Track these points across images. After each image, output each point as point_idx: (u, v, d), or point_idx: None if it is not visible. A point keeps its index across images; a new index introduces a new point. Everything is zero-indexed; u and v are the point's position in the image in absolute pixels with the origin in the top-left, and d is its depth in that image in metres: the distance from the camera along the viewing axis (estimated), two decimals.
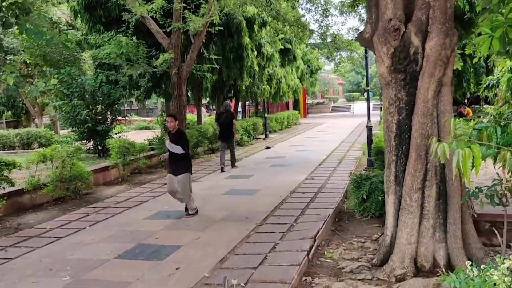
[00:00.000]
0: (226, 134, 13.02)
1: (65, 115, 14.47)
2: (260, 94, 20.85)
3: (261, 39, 18.85)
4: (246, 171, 12.69)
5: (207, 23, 13.10)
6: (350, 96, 75.09)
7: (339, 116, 45.41)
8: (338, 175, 11.24)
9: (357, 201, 7.53)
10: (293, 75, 28.52)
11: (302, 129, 29.21)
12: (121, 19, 13.97)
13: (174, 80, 13.60)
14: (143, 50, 13.65)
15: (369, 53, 13.82)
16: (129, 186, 11.39)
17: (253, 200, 8.94)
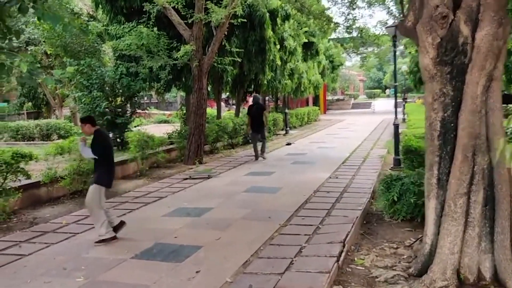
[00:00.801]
0: (257, 125, 13.74)
1: (85, 106, 14.30)
2: (282, 89, 20.42)
3: (284, 32, 18.41)
4: (267, 167, 12.33)
5: (230, 14, 12.73)
6: (371, 93, 74.13)
7: (360, 113, 44.65)
8: (363, 174, 10.80)
9: (386, 203, 7.09)
10: (314, 71, 28.02)
11: (322, 125, 28.70)
12: (142, 10, 13.69)
13: (194, 73, 13.28)
14: (164, 41, 13.36)
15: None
16: (148, 180, 11.12)
17: (276, 199, 8.56)
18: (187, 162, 13.34)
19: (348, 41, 15.42)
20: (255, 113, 13.76)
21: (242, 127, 17.65)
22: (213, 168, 12.30)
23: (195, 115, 13.44)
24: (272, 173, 11.31)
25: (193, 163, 13.22)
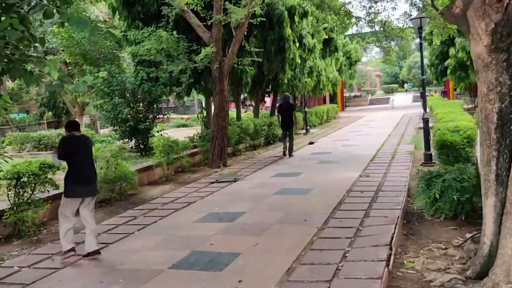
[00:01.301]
0: (286, 123, 14.18)
1: (106, 114, 14.22)
2: (302, 87, 20.14)
3: (302, 30, 18.13)
4: (294, 168, 12.08)
5: (249, 14, 12.51)
6: (389, 88, 73.21)
7: (379, 109, 44.09)
8: (395, 172, 10.47)
9: (428, 201, 6.79)
10: (332, 68, 27.64)
11: (342, 123, 28.32)
12: (159, 14, 13.58)
13: (215, 75, 13.09)
14: (183, 45, 13.23)
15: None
16: (174, 185, 10.97)
17: (308, 200, 8.31)
18: (211, 166, 13.16)
19: (370, 35, 15.04)
20: (285, 111, 14.23)
21: (263, 127, 17.45)
22: (238, 171, 12.09)
23: (218, 117, 13.26)
24: (300, 174, 11.05)
25: (218, 166, 13.03)
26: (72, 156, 5.82)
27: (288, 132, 14.24)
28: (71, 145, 5.89)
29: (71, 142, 5.93)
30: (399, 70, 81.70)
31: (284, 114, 14.26)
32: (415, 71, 66.27)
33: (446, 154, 8.79)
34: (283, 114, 14.31)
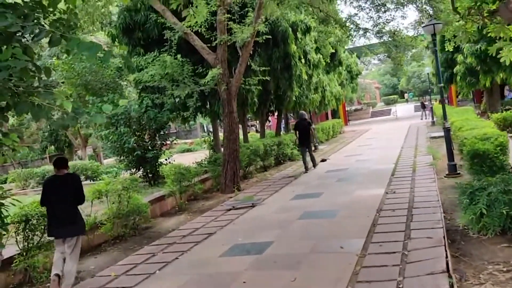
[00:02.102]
0: (304, 140, 14.65)
1: (112, 144, 13.73)
2: (309, 104, 19.70)
3: (306, 46, 17.78)
4: (312, 188, 11.52)
5: (255, 32, 12.14)
6: (389, 99, 73.00)
7: (382, 121, 43.69)
8: (421, 186, 9.91)
9: (473, 217, 6.23)
10: (334, 82, 27.30)
11: (349, 137, 27.82)
12: (161, 39, 13.28)
13: (223, 97, 12.64)
14: (188, 68, 12.84)
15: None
16: (189, 215, 10.41)
17: (338, 224, 7.73)
18: (224, 191, 12.62)
19: (378, 46, 14.68)
20: (303, 128, 14.71)
21: (273, 147, 16.96)
22: (254, 195, 11.54)
23: (228, 140, 12.77)
24: (320, 195, 10.49)
25: (231, 191, 12.50)
26: (49, 197, 6.01)
27: (308, 147, 14.75)
28: (47, 187, 6.10)
29: (48, 184, 6.13)
30: (397, 81, 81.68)
31: (302, 130, 14.71)
32: (414, 80, 66.20)
33: (478, 164, 8.27)
34: (301, 131, 14.74)
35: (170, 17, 12.33)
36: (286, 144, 18.08)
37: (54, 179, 6.11)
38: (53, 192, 6.00)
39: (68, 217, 5.99)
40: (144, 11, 14.34)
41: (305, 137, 14.65)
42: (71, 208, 6.08)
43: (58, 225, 5.93)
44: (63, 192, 5.99)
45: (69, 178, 6.16)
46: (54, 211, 5.97)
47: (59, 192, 5.98)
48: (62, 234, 5.96)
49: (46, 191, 6.05)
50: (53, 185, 6.06)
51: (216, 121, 17.23)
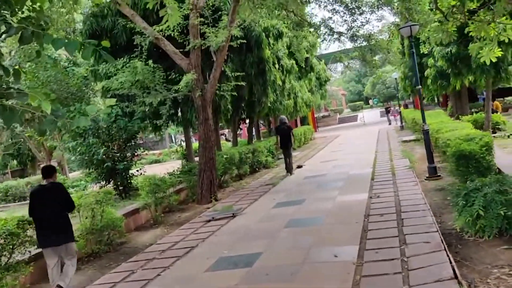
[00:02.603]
0: (285, 143, 15.03)
1: (80, 156, 13.04)
2: (283, 110, 19.45)
3: (278, 51, 17.55)
4: (293, 195, 11.20)
5: (229, 36, 11.79)
6: (355, 105, 73.96)
7: (350, 127, 44.04)
8: (405, 189, 9.74)
9: (470, 219, 6.02)
10: (305, 89, 27.20)
11: (321, 143, 27.75)
12: (131, 45, 12.77)
13: (198, 104, 12.20)
14: (160, 75, 12.34)
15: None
16: (166, 228, 9.89)
17: (327, 231, 7.41)
18: (201, 202, 12.16)
19: (354, 50, 14.59)
20: (283, 132, 15.08)
21: (248, 155, 16.60)
22: (233, 204, 11.12)
23: (204, 149, 12.32)
24: (303, 201, 10.16)
25: (208, 201, 12.06)
26: (35, 207, 6.01)
27: (288, 151, 15.17)
28: (34, 198, 6.10)
29: (35, 194, 6.14)
30: (362, 87, 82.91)
31: (282, 135, 15.08)
32: (379, 87, 67.27)
33: (464, 165, 8.13)
34: (281, 135, 15.12)
35: (139, 21, 11.85)
36: (261, 152, 17.76)
37: (40, 189, 6.16)
38: (40, 202, 5.99)
39: (58, 225, 5.99)
40: (112, 16, 13.80)
41: (285, 140, 15.01)
42: (60, 216, 6.06)
43: (49, 234, 5.90)
44: (50, 201, 5.98)
45: (54, 187, 6.13)
46: (43, 221, 5.97)
47: (46, 201, 5.97)
48: (54, 242, 5.93)
49: (33, 202, 6.05)
50: (39, 195, 6.07)
51: (189, 129, 16.75)
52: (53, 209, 5.98)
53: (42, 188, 6.12)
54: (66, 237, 6.06)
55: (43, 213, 5.94)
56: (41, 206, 5.96)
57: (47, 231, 5.91)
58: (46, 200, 5.98)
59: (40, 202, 5.99)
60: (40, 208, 5.97)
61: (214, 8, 12.93)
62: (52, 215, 5.95)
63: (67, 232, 6.10)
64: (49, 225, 5.92)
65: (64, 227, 6.07)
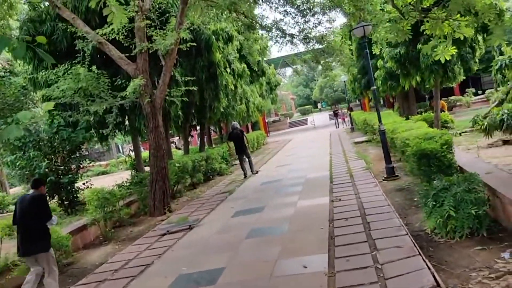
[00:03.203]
0: (240, 148, 15.44)
1: (20, 171, 12.04)
2: (236, 115, 19.00)
3: (228, 55, 17.12)
4: (252, 202, 10.76)
5: (178, 39, 11.25)
6: (305, 109, 74.75)
7: (301, 131, 44.25)
8: (366, 191, 9.54)
9: (441, 220, 5.81)
10: (256, 93, 26.92)
11: (274, 148, 27.51)
12: (72, 50, 11.97)
13: (147, 111, 11.55)
14: (105, 81, 11.57)
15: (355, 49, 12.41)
16: (117, 245, 9.20)
17: (291, 240, 7.01)
18: (153, 214, 11.51)
19: (306, 53, 14.39)
20: (237, 137, 15.39)
21: (201, 163, 16.03)
22: (189, 215, 10.55)
23: (155, 157, 11.67)
24: (263, 209, 9.75)
25: (162, 213, 11.44)
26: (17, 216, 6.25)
27: (245, 154, 15.53)
28: (16, 207, 6.34)
29: (17, 204, 6.36)
30: (310, 91, 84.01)
31: (236, 139, 15.41)
32: (327, 90, 68.34)
33: (426, 164, 7.99)
34: (235, 140, 15.49)
35: (81, 25, 11.09)
36: (215, 159, 17.23)
37: (22, 199, 6.36)
38: (20, 211, 6.20)
39: (31, 235, 6.08)
40: (51, 21, 12.90)
41: (240, 144, 15.36)
42: (35, 226, 6.11)
43: (25, 243, 6.07)
44: (27, 211, 6.13)
45: (34, 197, 6.25)
46: (19, 229, 6.19)
47: (24, 211, 6.15)
48: (31, 251, 6.09)
49: (15, 211, 6.31)
50: (20, 204, 6.27)
51: (138, 138, 15.97)
52: (29, 219, 6.11)
53: (23, 198, 6.31)
54: (37, 248, 6.11)
55: (20, 222, 6.16)
56: (19, 215, 6.18)
57: (25, 240, 6.08)
58: (24, 209, 6.15)
59: (20, 211, 6.19)
60: (19, 217, 6.19)
61: (161, 10, 12.34)
62: (27, 225, 6.09)
63: (37, 242, 6.11)
64: (23, 235, 6.09)
65: (37, 238, 6.11)
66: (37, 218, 6.13)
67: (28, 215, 6.11)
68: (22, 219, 6.12)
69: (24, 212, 6.12)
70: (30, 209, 6.13)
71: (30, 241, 6.08)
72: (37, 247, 6.10)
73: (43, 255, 6.14)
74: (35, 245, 6.09)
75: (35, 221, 6.11)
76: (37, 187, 6.38)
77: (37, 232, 6.12)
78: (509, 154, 9.51)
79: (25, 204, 6.19)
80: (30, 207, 6.15)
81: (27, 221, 6.10)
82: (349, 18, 11.28)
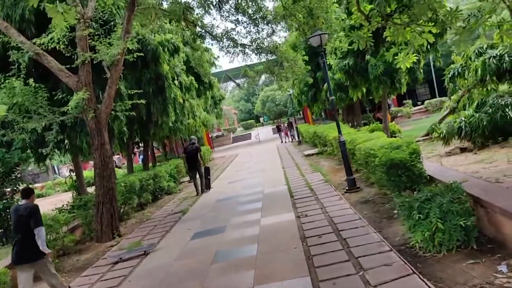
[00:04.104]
0: (193, 163, 15.05)
1: None
2: (185, 130, 18.18)
3: (175, 67, 16.36)
4: (210, 222, 10.05)
5: (125, 49, 10.45)
6: (247, 124, 74.67)
7: (246, 145, 43.93)
8: (331, 205, 9.15)
9: (428, 234, 5.44)
10: (201, 108, 26.18)
11: (221, 163, 26.87)
12: (6, 62, 10.87)
13: (91, 127, 10.60)
14: (43, 96, 10.52)
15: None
16: (64, 277, 8.15)
17: (265, 263, 6.38)
18: (101, 240, 10.54)
19: (260, 64, 13.95)
20: (191, 152, 15.04)
21: (149, 182, 15.10)
22: (141, 240, 9.71)
23: (101, 178, 10.71)
24: (224, 229, 9.07)
25: (110, 238, 10.51)
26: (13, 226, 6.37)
27: (198, 171, 15.09)
28: (11, 216, 6.44)
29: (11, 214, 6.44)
30: (251, 106, 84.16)
31: (190, 155, 15.06)
32: (269, 104, 68.66)
33: (395, 174, 7.70)
34: (188, 156, 15.12)
35: (15, 35, 10.05)
36: (162, 177, 16.33)
37: (16, 209, 6.38)
38: (16, 220, 6.22)
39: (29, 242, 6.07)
40: None
41: (193, 160, 14.99)
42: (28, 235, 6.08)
43: (22, 251, 6.12)
44: (24, 220, 6.12)
45: (27, 207, 6.24)
46: (17, 239, 6.17)
47: (20, 220, 6.17)
48: (28, 259, 6.12)
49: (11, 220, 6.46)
50: (14, 214, 6.32)
51: (78, 157, 14.80)
52: (22, 228, 6.12)
53: (18, 208, 6.34)
54: (34, 255, 6.12)
55: (16, 231, 6.20)
56: (15, 224, 6.24)
57: (18, 248, 6.12)
58: (20, 219, 6.16)
59: (16, 221, 6.21)
60: (15, 227, 6.26)
61: (104, 19, 11.48)
62: (24, 233, 6.11)
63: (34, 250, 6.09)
64: (20, 243, 6.11)
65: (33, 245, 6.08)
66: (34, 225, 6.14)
67: (24, 224, 6.12)
68: (19, 228, 6.16)
69: (21, 222, 6.14)
70: (26, 218, 6.12)
71: (26, 249, 6.11)
72: (33, 254, 6.12)
73: (42, 260, 6.19)
74: (31, 252, 6.11)
75: (31, 230, 6.08)
76: (28, 197, 6.41)
77: (33, 239, 6.07)
78: (470, 161, 9.47)
79: (20, 214, 6.21)
80: (26, 217, 6.14)
81: (24, 230, 6.12)
82: (302, 27, 10.96)
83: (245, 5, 11.51)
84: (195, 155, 15.06)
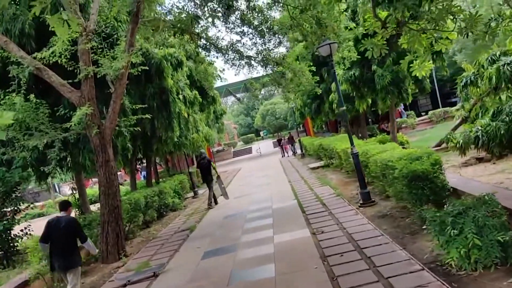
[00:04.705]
0: (206, 176, 15.40)
1: None
2: (190, 145, 17.81)
3: (179, 82, 16.07)
4: (220, 241, 9.63)
5: (129, 63, 10.14)
6: (248, 138, 74.37)
7: (247, 159, 43.54)
8: (348, 220, 8.75)
9: (464, 251, 5.06)
10: (203, 122, 25.87)
11: (225, 178, 26.43)
12: (6, 77, 10.56)
13: (96, 143, 10.24)
14: (44, 112, 10.19)
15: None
16: None
17: (287, 285, 5.98)
18: (107, 261, 10.13)
19: (264, 76, 13.67)
20: (204, 166, 15.43)
21: (154, 198, 14.69)
22: (149, 260, 9.29)
23: (106, 196, 10.32)
24: (236, 247, 8.66)
25: (117, 259, 10.09)
26: (50, 237, 6.72)
27: (208, 183, 15.41)
28: (49, 227, 6.77)
29: (49, 225, 6.79)
30: (251, 120, 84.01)
31: (203, 168, 15.45)
32: (269, 118, 68.45)
33: (417, 187, 7.33)
34: (202, 168, 15.49)
35: (15, 50, 9.73)
36: (167, 193, 15.93)
37: (56, 221, 6.80)
38: (56, 231, 6.68)
39: (66, 253, 6.61)
40: None
41: (206, 173, 15.34)
42: (69, 246, 6.68)
43: (61, 259, 6.60)
44: (65, 232, 6.65)
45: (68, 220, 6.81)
46: (55, 248, 6.66)
47: (61, 231, 6.65)
48: (66, 266, 6.60)
49: (48, 230, 6.74)
50: (55, 225, 6.73)
51: (81, 175, 14.43)
52: (64, 240, 6.64)
53: (58, 220, 6.78)
54: (71, 263, 6.64)
55: (57, 241, 6.64)
56: (56, 234, 6.66)
57: (56, 257, 6.61)
58: (61, 230, 6.66)
59: (56, 231, 6.67)
60: (55, 237, 6.66)
61: (107, 32, 11.20)
62: (62, 244, 6.63)
63: (72, 259, 6.67)
64: (60, 252, 6.61)
65: (72, 255, 6.69)
66: (73, 238, 6.76)
67: (64, 235, 6.64)
68: (59, 239, 6.61)
69: (62, 233, 6.62)
70: (67, 230, 6.67)
71: (65, 258, 6.60)
72: (70, 262, 6.63)
73: (76, 269, 6.66)
74: (69, 261, 6.62)
75: (71, 240, 6.70)
76: (65, 209, 6.94)
77: (72, 250, 6.71)
78: (491, 172, 9.11)
79: (61, 225, 6.68)
80: (67, 228, 6.68)
81: (66, 241, 6.64)
82: (309, 37, 10.67)
83: (250, 16, 11.25)
84: (208, 167, 15.40)
